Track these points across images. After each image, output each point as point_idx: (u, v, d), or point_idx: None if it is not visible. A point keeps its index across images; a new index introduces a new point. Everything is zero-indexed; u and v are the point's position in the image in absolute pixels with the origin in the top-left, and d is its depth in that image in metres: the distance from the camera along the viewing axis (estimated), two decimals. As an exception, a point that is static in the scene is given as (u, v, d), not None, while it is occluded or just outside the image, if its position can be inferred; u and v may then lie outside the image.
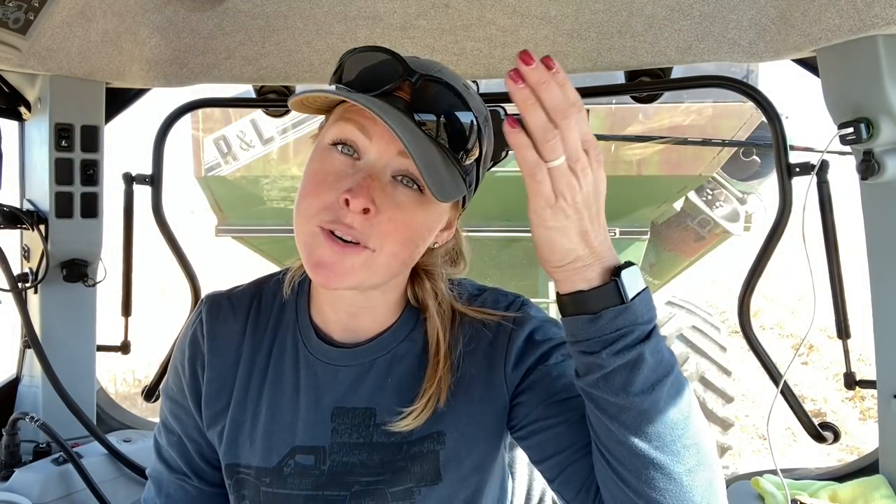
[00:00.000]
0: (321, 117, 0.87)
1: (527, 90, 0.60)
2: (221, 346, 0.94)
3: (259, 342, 0.94)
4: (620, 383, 0.68)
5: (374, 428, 0.89)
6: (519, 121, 0.62)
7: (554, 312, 4.29)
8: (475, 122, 0.79)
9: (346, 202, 0.74)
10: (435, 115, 0.77)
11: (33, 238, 1.59)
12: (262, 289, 0.99)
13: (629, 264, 0.70)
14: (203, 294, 1.04)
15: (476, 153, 0.82)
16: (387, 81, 0.77)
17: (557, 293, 0.72)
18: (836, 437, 1.46)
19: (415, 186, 0.78)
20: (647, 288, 0.70)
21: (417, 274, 0.92)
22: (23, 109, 1.59)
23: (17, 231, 1.61)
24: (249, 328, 0.95)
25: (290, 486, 0.89)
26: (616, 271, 0.69)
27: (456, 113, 0.78)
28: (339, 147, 0.78)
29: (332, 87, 0.80)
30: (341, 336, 0.91)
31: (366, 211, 0.75)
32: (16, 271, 1.58)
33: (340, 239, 0.76)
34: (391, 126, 0.69)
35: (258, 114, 4.28)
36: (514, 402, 0.88)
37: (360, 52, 0.79)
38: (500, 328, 0.90)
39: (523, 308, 0.92)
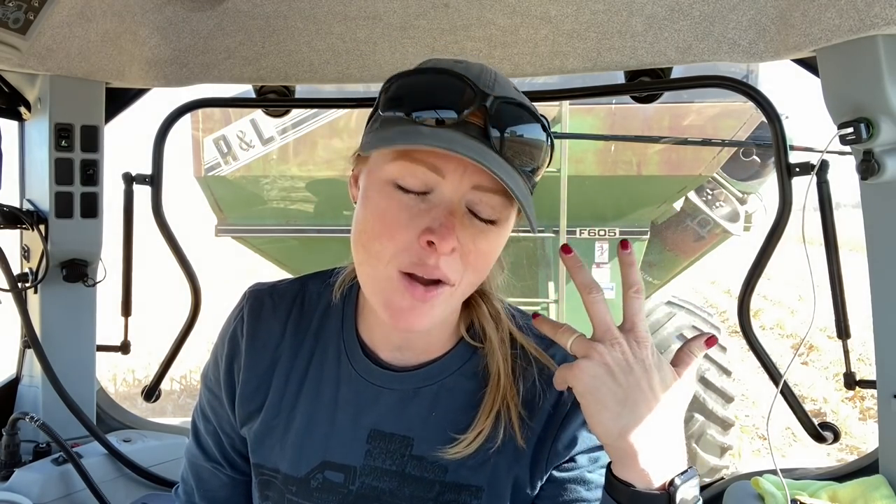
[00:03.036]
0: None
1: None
2: (260, 346, 0.91)
3: (299, 346, 0.90)
4: None
5: (408, 458, 0.85)
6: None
7: (554, 313, 4.29)
8: (548, 135, 0.78)
9: (429, 243, 0.70)
10: (511, 138, 0.73)
11: (33, 238, 1.59)
12: (306, 288, 0.94)
13: (690, 471, 0.72)
14: (202, 293, 1.03)
15: (546, 164, 0.79)
16: (459, 109, 0.72)
17: (609, 470, 0.74)
18: (836, 437, 1.46)
19: (490, 218, 0.75)
20: (699, 499, 0.72)
21: (472, 298, 0.87)
22: (23, 109, 1.59)
23: (17, 231, 1.61)
24: (290, 329, 0.91)
25: (316, 499, 0.87)
26: (672, 480, 0.71)
27: (532, 134, 0.75)
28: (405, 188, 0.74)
29: (408, 133, 0.73)
30: (388, 357, 0.88)
31: (452, 250, 0.72)
32: (16, 271, 1.58)
33: (421, 279, 0.73)
34: (493, 171, 0.68)
35: (258, 114, 4.28)
36: (545, 481, 0.86)
37: (416, 75, 0.75)
38: (561, 396, 0.85)
39: None
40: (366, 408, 0.87)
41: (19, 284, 1.57)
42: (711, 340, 0.76)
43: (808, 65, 1.34)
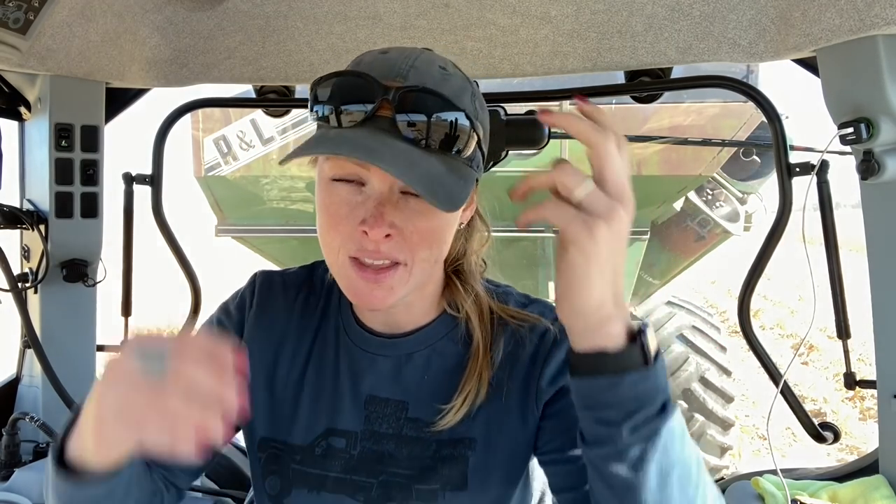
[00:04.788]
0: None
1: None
2: (267, 322, 0.96)
3: (307, 325, 0.96)
4: (635, 459, 0.64)
5: (404, 421, 0.90)
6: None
7: (554, 312, 4.28)
8: (466, 113, 0.77)
9: (365, 233, 0.76)
10: (423, 120, 0.75)
11: (33, 238, 1.59)
12: (314, 272, 1.01)
13: (644, 323, 0.67)
14: (202, 293, 1.04)
15: (475, 138, 0.80)
16: (364, 107, 0.75)
17: (571, 351, 0.68)
18: (836, 437, 1.46)
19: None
20: (661, 351, 0.67)
21: (450, 279, 0.94)
22: (23, 109, 1.59)
23: (17, 231, 1.61)
24: (298, 310, 0.97)
25: (320, 466, 0.91)
26: (638, 330, 0.65)
27: (443, 114, 0.76)
28: (343, 180, 0.79)
29: (319, 140, 0.77)
30: (381, 328, 0.93)
31: (387, 236, 0.76)
32: (16, 271, 1.58)
33: (371, 265, 0.78)
34: (382, 168, 0.69)
35: (258, 114, 4.28)
36: (542, 420, 0.88)
37: (328, 79, 0.78)
38: (542, 340, 0.89)
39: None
40: (363, 375, 0.92)
41: (19, 284, 1.57)
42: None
43: (808, 65, 1.34)
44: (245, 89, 2.09)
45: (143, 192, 1.75)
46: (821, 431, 1.47)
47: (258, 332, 0.95)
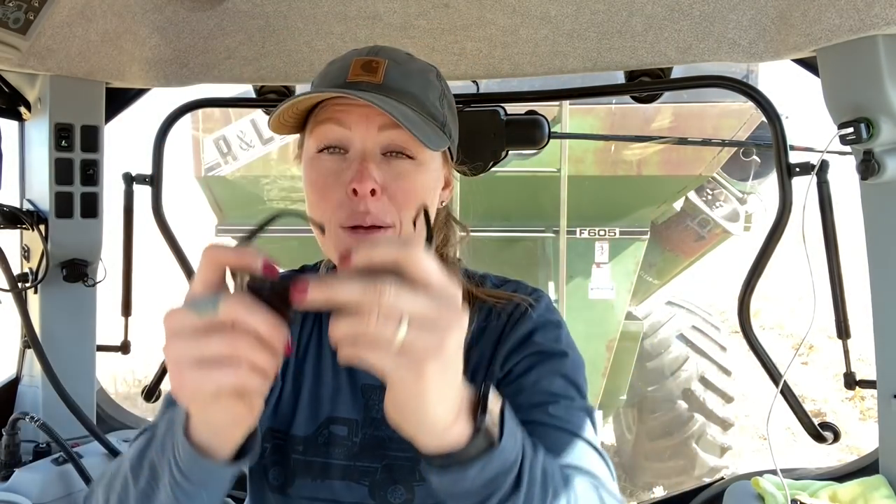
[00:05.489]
0: None
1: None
2: None
3: (305, 319, 1.00)
4: None
5: None
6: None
7: (554, 312, 4.28)
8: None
9: (354, 191, 0.79)
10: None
11: (33, 238, 1.59)
12: (305, 272, 1.06)
13: (484, 393, 0.63)
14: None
15: (444, 101, 0.89)
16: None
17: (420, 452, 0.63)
18: (836, 437, 1.46)
19: (405, 155, 0.83)
20: (506, 414, 0.64)
21: None
22: (23, 109, 1.59)
23: (17, 231, 1.61)
24: None
25: (323, 454, 0.93)
26: (475, 410, 0.62)
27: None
28: (326, 151, 0.84)
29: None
30: None
31: (373, 193, 0.79)
32: (16, 271, 1.58)
33: (361, 226, 0.81)
34: (364, 98, 0.75)
35: (258, 114, 4.28)
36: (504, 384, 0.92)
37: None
38: (509, 317, 0.93)
39: (536, 302, 0.94)
40: (357, 365, 0.91)
41: (19, 284, 1.57)
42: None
43: (808, 65, 1.34)
44: (245, 89, 2.09)
45: (143, 192, 1.75)
46: (821, 431, 1.47)
47: None
